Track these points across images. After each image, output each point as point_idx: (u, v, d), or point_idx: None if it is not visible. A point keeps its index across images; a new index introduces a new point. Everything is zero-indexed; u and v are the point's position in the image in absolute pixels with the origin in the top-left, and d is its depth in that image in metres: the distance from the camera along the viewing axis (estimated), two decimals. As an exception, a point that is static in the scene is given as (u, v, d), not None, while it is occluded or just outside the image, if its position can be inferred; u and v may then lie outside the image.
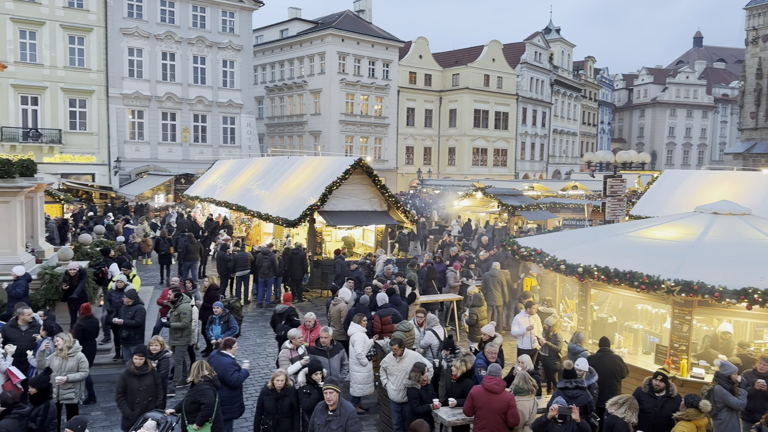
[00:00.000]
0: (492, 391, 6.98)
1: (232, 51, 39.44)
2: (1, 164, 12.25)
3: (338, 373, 8.40)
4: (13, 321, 9.05)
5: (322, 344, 8.51)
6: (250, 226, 23.76)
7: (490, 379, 7.11)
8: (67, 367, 7.98)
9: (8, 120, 32.22)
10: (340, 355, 8.61)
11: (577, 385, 7.47)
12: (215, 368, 7.55)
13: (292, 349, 8.65)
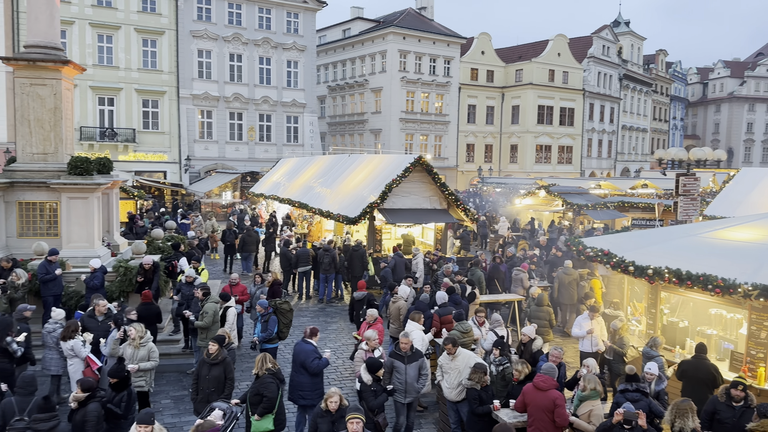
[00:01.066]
0: (539, 388, 7.01)
1: (296, 51, 40.20)
2: (80, 162, 12.99)
3: (414, 382, 7.98)
4: (90, 311, 9.58)
5: (401, 349, 8.03)
6: (311, 223, 24.18)
7: (540, 376, 7.14)
8: (138, 357, 8.34)
9: (87, 120, 34.09)
10: (419, 363, 8.07)
11: (638, 388, 7.27)
12: (297, 354, 7.95)
13: (368, 351, 8.44)
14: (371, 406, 7.33)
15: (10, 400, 6.44)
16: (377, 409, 7.36)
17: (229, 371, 7.77)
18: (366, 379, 7.48)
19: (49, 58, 13.05)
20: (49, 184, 12.71)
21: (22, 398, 6.53)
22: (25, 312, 9.28)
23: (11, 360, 8.37)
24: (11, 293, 10.69)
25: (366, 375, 7.51)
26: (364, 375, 7.53)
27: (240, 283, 12.43)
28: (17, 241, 12.89)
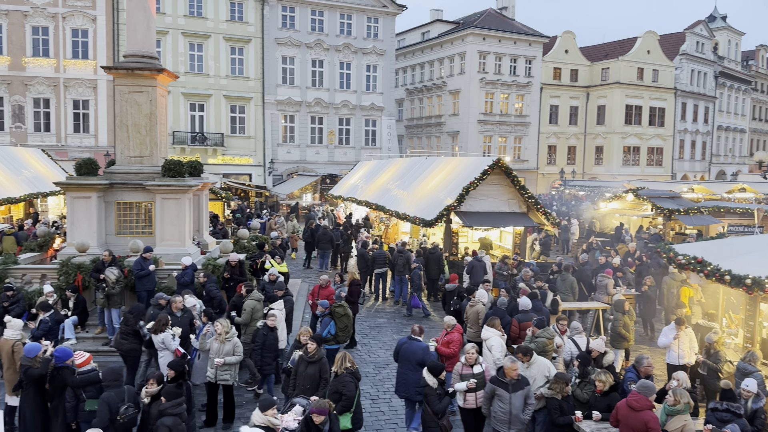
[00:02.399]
0: (632, 408, 6.69)
1: (376, 56, 40.66)
2: (173, 165, 13.75)
3: (519, 413, 7.28)
4: (168, 308, 10.05)
5: (506, 375, 7.33)
6: (388, 225, 24.34)
7: (634, 394, 6.79)
8: (224, 351, 8.68)
9: (179, 125, 36.08)
10: (524, 391, 7.33)
11: (728, 408, 6.77)
12: (414, 352, 8.25)
13: (465, 365, 7.89)
14: (437, 409, 7.29)
15: (111, 393, 6.78)
16: (442, 413, 7.31)
17: (324, 371, 7.88)
18: (431, 382, 7.42)
19: (145, 67, 13.90)
20: (145, 186, 13.53)
21: (117, 390, 6.86)
22: (161, 300, 10.08)
23: (140, 342, 9.53)
24: (109, 289, 11.47)
25: (431, 378, 7.45)
26: (429, 378, 7.46)
27: (330, 287, 12.43)
28: (115, 239, 13.80)
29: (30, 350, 7.69)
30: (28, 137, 33.42)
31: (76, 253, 12.70)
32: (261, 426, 6.13)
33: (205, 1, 36.20)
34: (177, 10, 35.60)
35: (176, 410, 6.48)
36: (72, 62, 33.96)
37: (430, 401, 7.34)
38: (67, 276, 12.13)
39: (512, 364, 7.34)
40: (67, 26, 33.79)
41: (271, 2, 37.47)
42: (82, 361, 7.40)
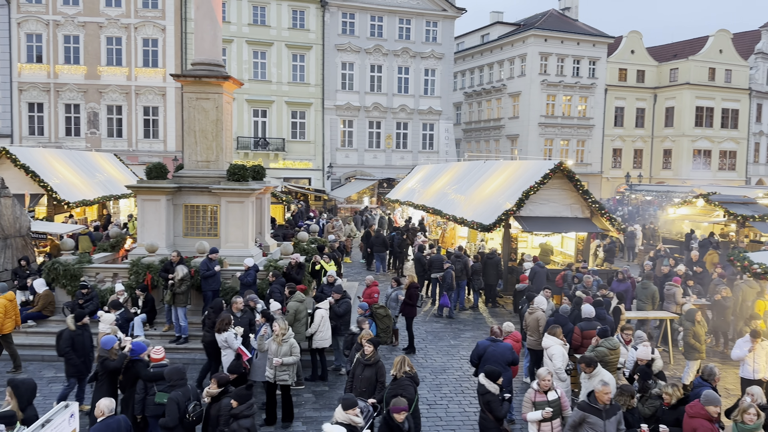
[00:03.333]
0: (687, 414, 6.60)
1: (434, 60, 40.60)
2: (237, 169, 14.18)
3: None
4: (228, 308, 10.33)
5: (599, 400, 6.77)
6: (445, 229, 24.21)
7: (693, 406, 6.59)
8: (281, 352, 8.86)
9: (243, 130, 37.14)
10: (617, 417, 6.84)
11: None
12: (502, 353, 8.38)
13: (538, 391, 7.22)
14: (500, 415, 7.17)
15: (178, 392, 6.99)
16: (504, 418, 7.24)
17: (381, 374, 7.93)
18: (492, 388, 7.31)
19: (212, 74, 14.41)
20: (211, 189, 14.01)
21: (183, 388, 7.05)
22: (250, 302, 10.32)
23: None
24: (176, 288, 11.92)
25: (491, 385, 7.34)
26: (489, 385, 7.34)
27: (372, 286, 12.72)
28: (183, 240, 14.34)
29: (106, 342, 8.09)
30: (102, 142, 35.25)
31: (146, 253, 13.29)
32: (343, 423, 6.28)
33: (269, 10, 37.18)
34: (242, 18, 36.72)
35: (250, 411, 6.63)
36: (143, 70, 35.60)
37: (492, 408, 7.23)
38: (137, 275, 12.70)
39: (604, 387, 6.78)
40: (139, 36, 35.46)
41: (331, 9, 38.08)
42: (159, 357, 7.72)
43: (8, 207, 13.95)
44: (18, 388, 6.43)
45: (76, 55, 35.09)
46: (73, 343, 8.86)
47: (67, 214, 21.51)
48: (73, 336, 8.91)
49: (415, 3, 39.61)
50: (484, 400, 7.35)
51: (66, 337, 8.88)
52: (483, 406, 7.36)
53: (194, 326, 12.40)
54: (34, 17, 34.41)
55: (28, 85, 34.76)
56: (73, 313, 11.82)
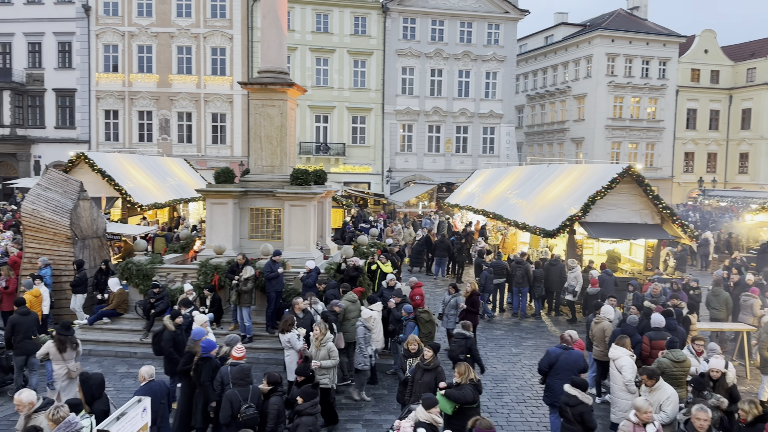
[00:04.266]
0: None
1: (496, 62, 40.12)
2: (300, 174, 14.47)
3: None
4: (291, 309, 10.51)
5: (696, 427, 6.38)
6: (506, 234, 23.81)
7: None
8: (320, 355, 8.90)
9: (305, 136, 37.88)
10: None
11: None
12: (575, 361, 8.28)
13: (638, 425, 6.54)
14: (593, 426, 7.12)
15: (234, 392, 7.14)
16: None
17: (441, 379, 7.88)
18: (586, 399, 7.20)
19: (277, 82, 14.77)
20: (275, 193, 14.35)
21: (242, 389, 7.17)
22: (335, 308, 10.40)
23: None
24: (240, 287, 12.26)
25: (584, 395, 7.23)
26: (582, 395, 7.23)
27: (416, 288, 12.73)
28: (248, 242, 14.75)
29: (197, 333, 8.59)
30: (173, 148, 36.78)
31: (213, 254, 13.74)
32: (424, 423, 6.33)
33: (331, 17, 37.81)
34: (305, 26, 37.50)
35: (313, 410, 6.74)
36: (211, 78, 36.93)
37: (586, 419, 7.06)
38: (206, 276, 13.15)
39: (699, 412, 6.53)
40: (207, 45, 36.82)
41: (393, 15, 38.32)
42: (240, 356, 7.98)
43: (86, 209, 14.75)
44: (85, 382, 6.83)
45: (149, 64, 36.82)
46: (175, 343, 9.20)
47: (140, 217, 22.54)
48: (174, 336, 9.25)
49: (477, 6, 39.29)
50: (577, 412, 7.14)
51: (167, 338, 9.23)
52: (574, 417, 7.18)
53: (258, 326, 12.72)
54: (111, 29, 36.36)
55: (105, 93, 36.74)
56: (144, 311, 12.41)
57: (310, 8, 37.39)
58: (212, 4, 36.62)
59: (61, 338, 8.76)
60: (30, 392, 6.32)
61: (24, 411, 6.20)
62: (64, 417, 5.71)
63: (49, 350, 8.84)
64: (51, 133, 37.04)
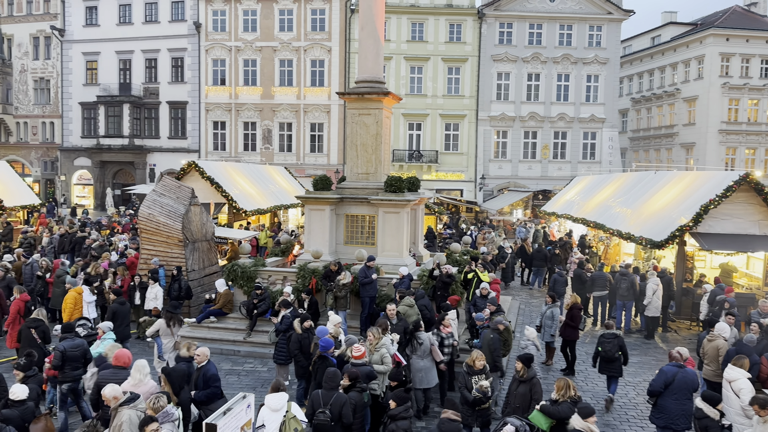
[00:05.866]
0: None
1: (597, 65, 38.54)
2: (394, 181, 14.63)
3: None
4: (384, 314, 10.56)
5: None
6: (608, 244, 22.74)
7: None
8: (372, 360, 8.80)
9: (398, 143, 38.27)
10: None
11: None
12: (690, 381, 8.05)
13: None
14: None
15: (318, 393, 7.29)
16: None
17: (536, 391, 7.75)
18: (712, 414, 6.90)
19: (373, 91, 15.06)
20: (370, 200, 14.62)
21: (326, 392, 7.26)
22: (499, 325, 10.20)
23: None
24: (336, 291, 12.57)
25: (711, 410, 6.94)
26: (709, 410, 6.97)
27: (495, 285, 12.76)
28: (343, 248, 15.13)
29: (321, 332, 9.18)
30: (274, 156, 38.48)
31: (311, 259, 14.20)
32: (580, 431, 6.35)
33: (426, 26, 38.03)
34: (401, 36, 37.99)
35: (407, 414, 6.78)
36: (310, 90, 38.31)
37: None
38: (304, 279, 13.60)
39: None
40: (307, 58, 38.26)
41: (489, 20, 37.92)
42: (359, 355, 8.22)
43: (197, 214, 15.75)
44: (170, 376, 7.27)
45: (254, 77, 38.83)
46: (301, 346, 9.58)
47: (244, 222, 23.74)
48: (301, 339, 9.62)
49: (578, 8, 37.99)
50: (702, 425, 7.00)
51: (294, 340, 9.65)
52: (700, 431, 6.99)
53: (353, 330, 12.96)
54: (219, 44, 38.73)
55: (213, 105, 39.15)
56: (248, 311, 13.02)
57: (406, 17, 37.83)
58: (312, 18, 38.04)
59: (169, 315, 10.48)
60: (113, 386, 6.70)
61: (112, 405, 6.54)
62: (163, 407, 6.10)
63: (159, 327, 10.48)
64: (165, 143, 40.01)
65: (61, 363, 8.79)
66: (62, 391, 8.99)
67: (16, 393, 7.00)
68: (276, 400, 6.73)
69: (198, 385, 7.74)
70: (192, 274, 15.16)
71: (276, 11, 38.20)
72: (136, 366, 7.46)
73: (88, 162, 41.11)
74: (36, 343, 9.49)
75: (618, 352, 10.19)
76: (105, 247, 18.57)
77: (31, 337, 9.63)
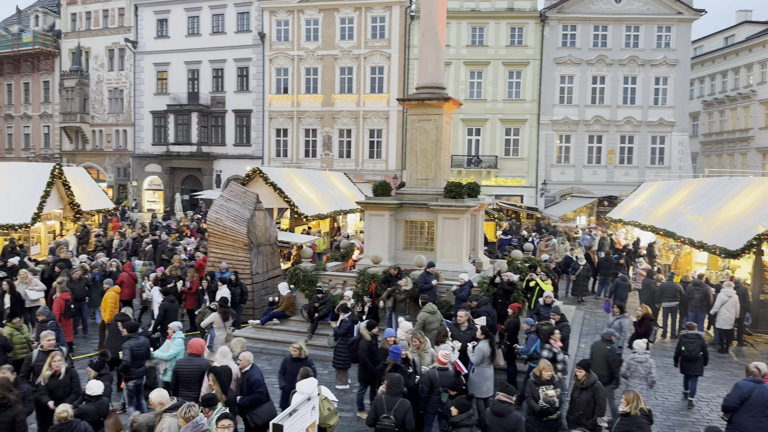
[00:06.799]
0: None
1: (666, 67, 37.06)
2: (454, 187, 14.56)
3: None
4: (455, 320, 10.56)
5: None
6: (679, 253, 21.78)
7: None
8: (426, 362, 8.91)
9: (457, 149, 37.99)
10: None
11: None
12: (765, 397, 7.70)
13: None
14: None
15: (381, 398, 7.30)
16: None
17: (599, 397, 7.64)
18: None
19: (433, 97, 15.06)
20: (429, 206, 14.60)
21: (390, 397, 7.27)
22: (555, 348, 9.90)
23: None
24: (396, 296, 12.60)
25: None
26: None
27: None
28: (402, 253, 15.16)
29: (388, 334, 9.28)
30: (334, 162, 39.05)
31: (370, 264, 14.32)
32: None
33: (487, 30, 37.69)
34: (460, 41, 37.81)
35: (469, 421, 6.74)
36: (369, 96, 38.68)
37: None
38: (363, 284, 13.72)
39: None
40: (367, 65, 38.67)
41: (551, 23, 37.19)
42: (444, 361, 8.37)
43: (261, 219, 16.18)
44: (219, 375, 7.46)
45: (315, 85, 39.60)
46: (370, 353, 9.72)
47: (305, 226, 24.19)
48: (370, 345, 9.78)
49: (645, 8, 36.71)
50: None
51: (363, 347, 9.80)
52: None
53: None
54: (282, 54, 39.73)
55: (276, 113, 40.16)
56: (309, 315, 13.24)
57: (466, 22, 37.63)
58: (372, 26, 38.43)
59: (224, 310, 11.38)
60: (161, 392, 6.96)
61: (157, 409, 6.73)
62: (194, 416, 6.17)
63: (214, 320, 11.28)
64: (230, 150, 41.36)
65: (130, 361, 9.24)
66: (129, 388, 9.43)
67: (93, 389, 7.36)
68: (308, 384, 7.21)
69: (242, 390, 7.95)
70: (256, 277, 15.58)
71: (337, 20, 38.84)
72: (220, 351, 8.30)
73: (158, 168, 42.99)
74: (121, 337, 9.99)
75: (700, 352, 10.66)
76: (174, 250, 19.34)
77: (118, 331, 10.14)
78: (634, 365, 9.37)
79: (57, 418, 6.49)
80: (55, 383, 8.02)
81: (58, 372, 8.06)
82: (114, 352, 9.74)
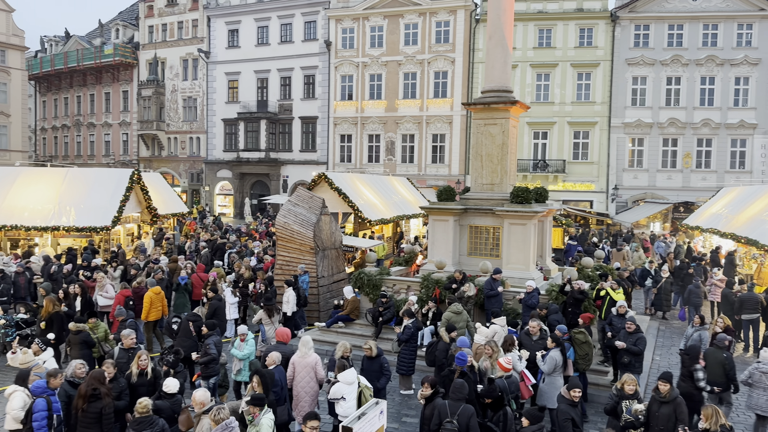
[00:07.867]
0: None
1: (748, 66, 35.02)
2: (521, 192, 14.31)
3: None
4: (526, 330, 10.32)
5: None
6: (762, 263, 20.47)
7: None
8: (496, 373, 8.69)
9: (522, 153, 37.30)
10: None
11: None
12: None
13: None
14: None
15: (444, 404, 7.24)
16: None
17: (680, 412, 7.31)
18: None
19: (500, 100, 14.86)
20: (495, 211, 14.40)
21: (453, 402, 7.22)
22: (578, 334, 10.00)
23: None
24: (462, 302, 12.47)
25: None
26: None
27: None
28: (467, 259, 15.02)
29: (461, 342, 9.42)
30: (397, 167, 39.21)
31: (434, 269, 14.25)
32: None
33: (554, 31, 36.87)
34: (527, 43, 37.16)
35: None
36: (433, 101, 38.63)
37: None
38: (427, 289, 13.68)
39: None
40: (431, 70, 38.65)
41: (623, 23, 35.95)
42: (507, 367, 8.36)
43: (327, 223, 16.45)
44: (264, 377, 7.55)
45: (379, 91, 39.95)
46: (446, 355, 9.78)
47: (369, 231, 24.38)
48: (448, 348, 9.83)
49: (723, 6, 34.87)
50: None
51: (441, 349, 9.90)
52: None
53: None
54: (347, 61, 40.33)
55: (341, 119, 40.79)
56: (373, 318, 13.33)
57: (533, 24, 36.95)
58: (437, 31, 38.40)
59: (269, 307, 11.89)
60: (204, 392, 7.15)
61: (197, 409, 6.91)
62: (224, 419, 6.28)
63: (261, 317, 11.92)
64: (297, 156, 42.33)
65: (218, 354, 9.74)
66: (209, 385, 9.75)
67: (169, 386, 7.70)
68: (349, 374, 7.75)
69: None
70: (321, 281, 15.84)
71: (402, 26, 39.06)
72: (302, 341, 8.78)
73: (229, 174, 44.55)
74: (191, 336, 10.39)
75: None
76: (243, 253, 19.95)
77: (189, 330, 10.58)
78: (758, 375, 9.00)
79: (138, 410, 6.81)
80: (140, 381, 8.42)
81: (145, 370, 8.45)
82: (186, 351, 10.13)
